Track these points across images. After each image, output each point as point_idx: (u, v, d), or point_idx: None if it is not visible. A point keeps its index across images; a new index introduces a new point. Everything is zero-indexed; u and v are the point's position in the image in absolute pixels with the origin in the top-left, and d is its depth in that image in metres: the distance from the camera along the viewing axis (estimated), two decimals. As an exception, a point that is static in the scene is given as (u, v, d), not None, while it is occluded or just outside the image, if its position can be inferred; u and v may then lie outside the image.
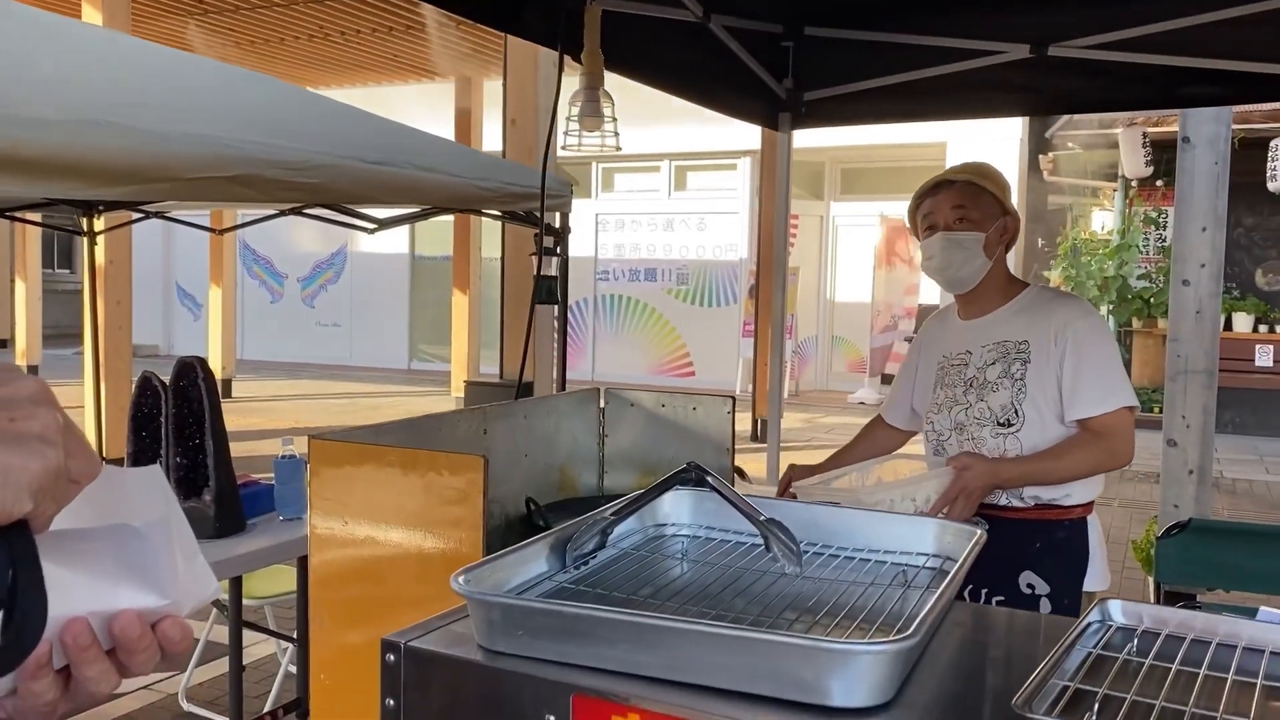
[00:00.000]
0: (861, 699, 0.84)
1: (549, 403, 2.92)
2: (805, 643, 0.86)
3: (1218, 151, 5.07)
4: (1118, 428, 2.23)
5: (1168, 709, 0.83)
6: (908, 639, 0.84)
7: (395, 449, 2.07)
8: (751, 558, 1.22)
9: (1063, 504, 2.32)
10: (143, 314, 17.08)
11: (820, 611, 1.05)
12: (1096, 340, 2.28)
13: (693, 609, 1.06)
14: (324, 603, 2.15)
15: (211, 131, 2.97)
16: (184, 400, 3.41)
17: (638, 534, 1.30)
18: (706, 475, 1.30)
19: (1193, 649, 0.96)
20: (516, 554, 1.08)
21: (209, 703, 4.19)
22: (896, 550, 1.21)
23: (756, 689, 0.86)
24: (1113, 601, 1.03)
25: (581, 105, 2.80)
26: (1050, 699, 0.85)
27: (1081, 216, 12.12)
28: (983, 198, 2.40)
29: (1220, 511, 7.75)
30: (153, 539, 0.64)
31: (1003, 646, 1.06)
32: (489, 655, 0.94)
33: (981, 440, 2.36)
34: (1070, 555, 2.33)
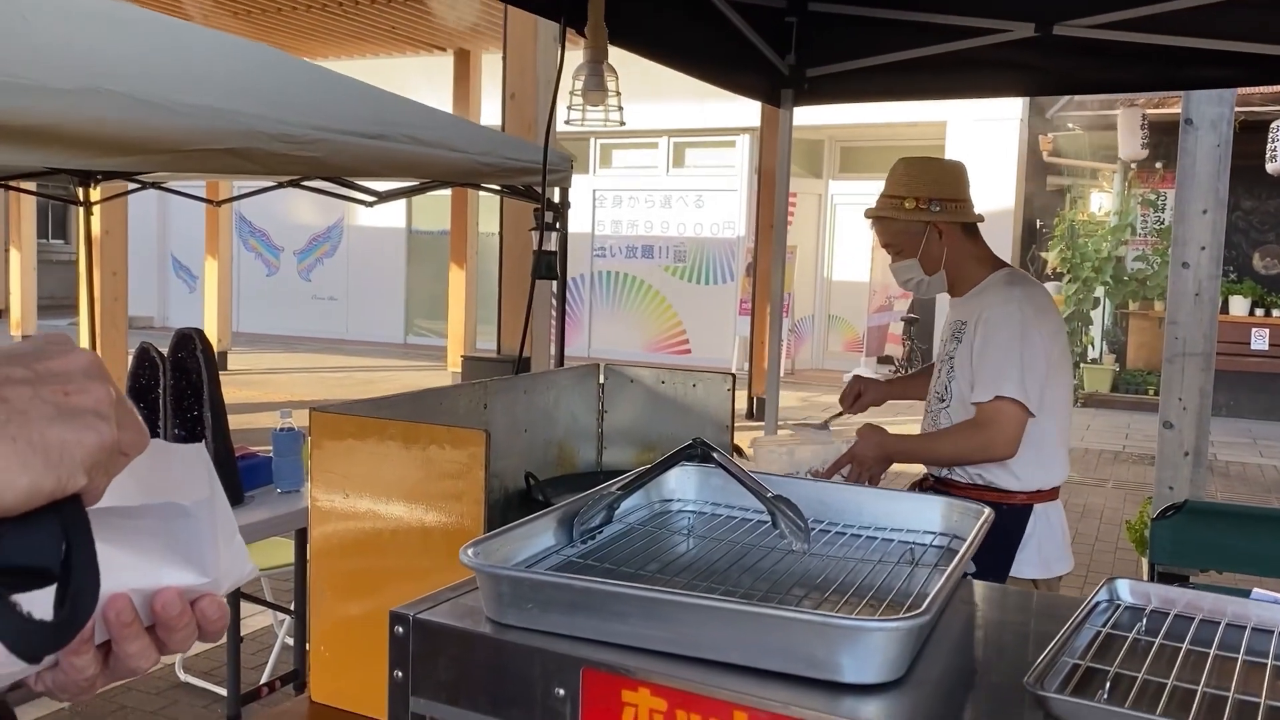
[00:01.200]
0: (873, 675, 0.84)
1: (549, 378, 2.92)
2: (817, 619, 0.86)
3: (1220, 133, 5.06)
4: (996, 419, 2.25)
5: (1179, 688, 0.83)
6: (920, 616, 0.83)
7: (397, 422, 2.06)
8: (758, 534, 1.22)
9: (1002, 487, 2.34)
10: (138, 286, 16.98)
11: (828, 588, 1.05)
12: (999, 328, 2.29)
13: (700, 584, 1.06)
14: (325, 575, 2.15)
15: (212, 102, 2.94)
16: (182, 372, 3.40)
17: (644, 509, 1.30)
18: (712, 451, 1.30)
19: (1202, 629, 0.96)
20: (524, 527, 1.08)
21: (206, 674, 4.20)
22: (903, 528, 1.21)
23: (767, 664, 0.86)
24: (1120, 580, 1.03)
25: (585, 79, 2.78)
26: (1061, 677, 0.85)
27: (1080, 198, 12.10)
28: (896, 226, 2.45)
29: (1213, 494, 7.78)
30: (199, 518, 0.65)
31: (1010, 624, 1.06)
32: (498, 628, 0.94)
33: (935, 414, 2.47)
34: (998, 541, 2.32)
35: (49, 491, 0.53)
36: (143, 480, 0.61)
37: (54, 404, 0.54)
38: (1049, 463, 2.37)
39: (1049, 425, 2.33)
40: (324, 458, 2.13)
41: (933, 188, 2.42)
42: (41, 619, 0.55)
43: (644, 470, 1.25)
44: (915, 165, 2.48)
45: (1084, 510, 6.96)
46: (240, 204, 15.58)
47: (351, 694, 2.08)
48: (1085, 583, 5.64)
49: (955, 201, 2.43)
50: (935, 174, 2.45)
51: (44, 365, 0.55)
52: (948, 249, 2.43)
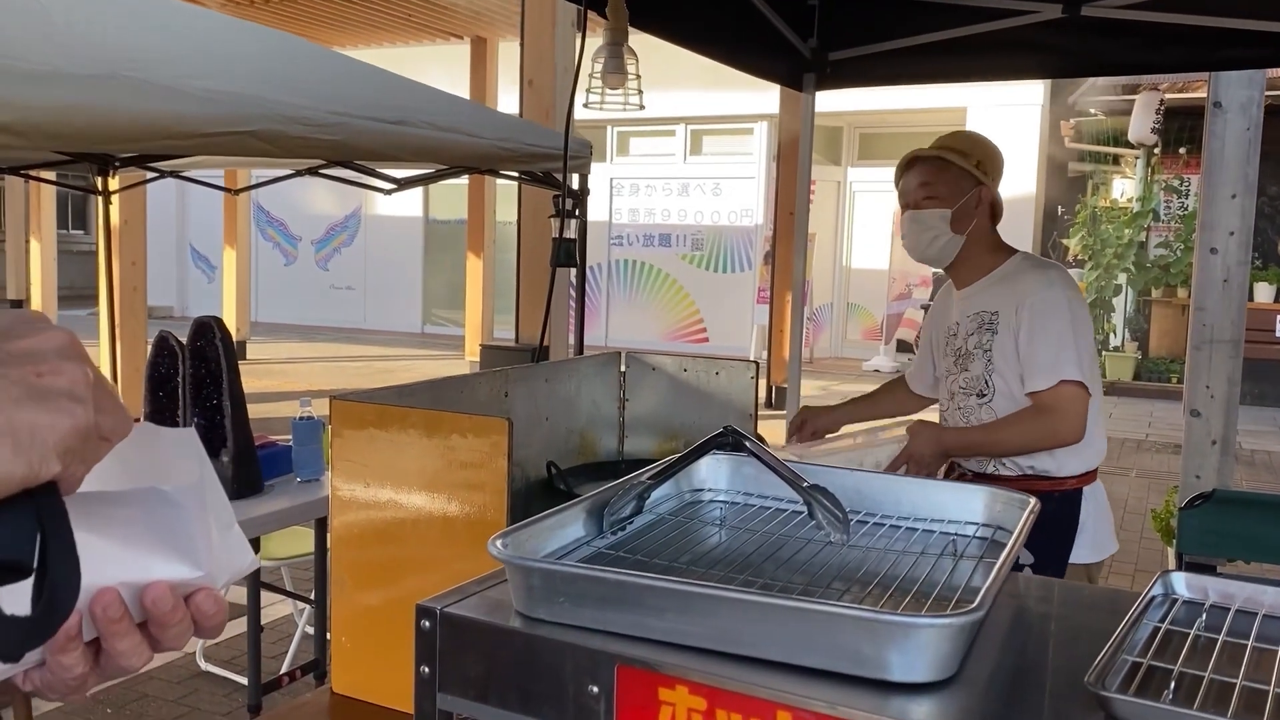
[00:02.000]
0: (922, 674, 0.80)
1: (569, 366, 2.88)
2: (864, 614, 0.82)
3: (1250, 116, 4.97)
4: (1060, 404, 2.20)
5: (1249, 688, 0.79)
6: (973, 612, 0.80)
7: (418, 411, 2.03)
8: (793, 525, 1.19)
9: (1054, 474, 2.30)
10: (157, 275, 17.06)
11: (870, 582, 1.01)
12: (1051, 313, 2.25)
13: (736, 578, 1.02)
14: (345, 565, 2.13)
15: (231, 87, 2.92)
16: (201, 360, 3.39)
17: (674, 499, 1.26)
18: (745, 440, 1.26)
19: (1266, 625, 0.92)
20: (553, 518, 1.04)
21: (226, 662, 4.20)
22: (945, 519, 1.17)
23: (810, 662, 0.82)
24: (1175, 574, 0.99)
25: (605, 61, 2.74)
26: (1121, 676, 0.81)
27: (1102, 184, 11.97)
28: (949, 172, 2.38)
29: (1239, 483, 7.69)
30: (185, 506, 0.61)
31: (1061, 619, 1.02)
32: (528, 623, 0.91)
33: (969, 409, 2.39)
34: (1057, 527, 2.31)
35: (20, 479, 0.50)
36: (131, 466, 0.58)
37: (24, 385, 0.50)
38: (1093, 443, 2.34)
39: (1091, 406, 2.30)
40: (344, 446, 2.11)
41: (986, 159, 2.42)
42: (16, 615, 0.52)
43: (674, 459, 1.21)
44: (973, 135, 2.50)
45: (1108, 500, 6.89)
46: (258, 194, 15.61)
47: (372, 685, 2.06)
48: (1110, 572, 5.58)
49: (997, 181, 2.44)
50: (989, 149, 2.46)
51: (14, 345, 0.51)
52: (975, 221, 2.40)
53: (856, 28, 4.18)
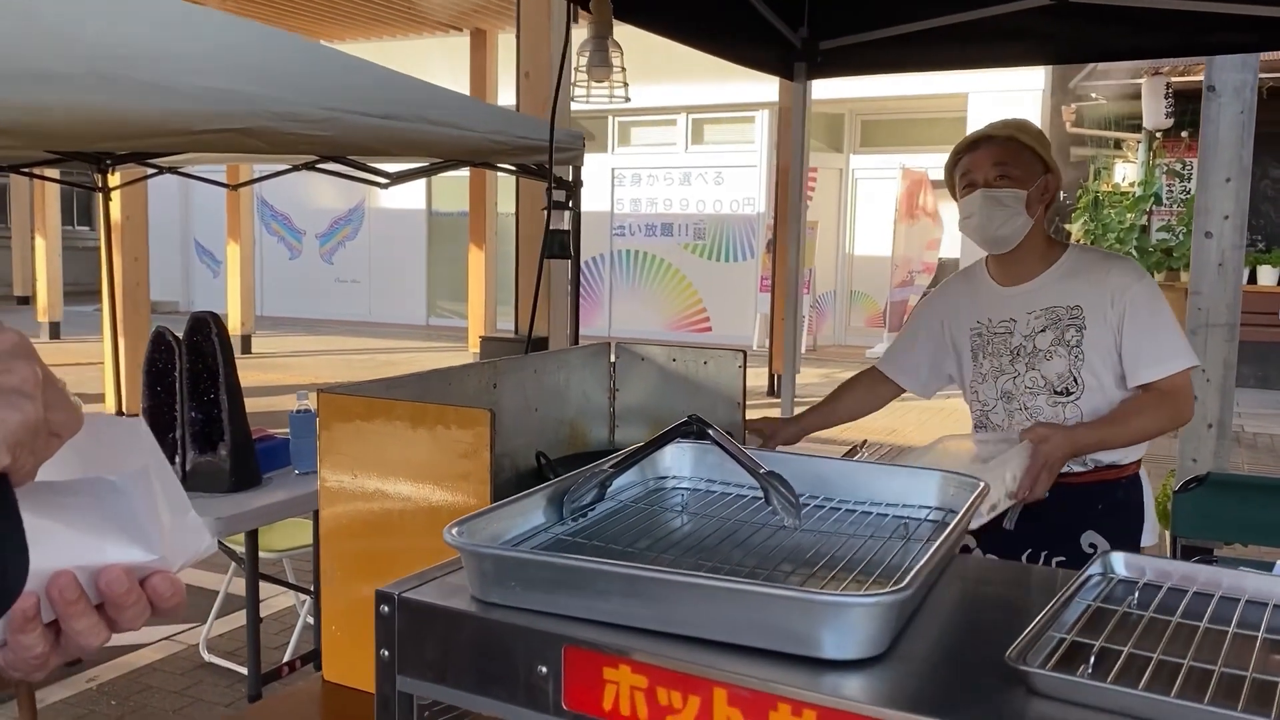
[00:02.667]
0: (854, 651, 0.83)
1: (559, 357, 2.91)
2: (797, 595, 0.85)
3: (1244, 100, 4.96)
4: (1180, 388, 2.21)
5: (1166, 661, 0.82)
6: (900, 591, 0.83)
7: (403, 403, 2.06)
8: (751, 510, 1.22)
9: (1120, 463, 2.30)
10: (162, 270, 17.14)
11: (818, 564, 1.04)
12: (1155, 303, 2.23)
13: (690, 561, 1.05)
14: (334, 556, 2.16)
15: (221, 84, 2.95)
16: (198, 355, 3.42)
17: (638, 486, 1.30)
18: (708, 428, 1.29)
19: (1195, 602, 0.94)
20: (513, 506, 1.07)
21: (229, 653, 4.26)
22: (899, 503, 1.20)
23: (749, 641, 0.85)
24: (1115, 554, 1.02)
25: (590, 55, 2.77)
26: (1046, 652, 0.84)
27: (1104, 169, 11.95)
28: (1024, 154, 2.33)
29: (1241, 466, 7.70)
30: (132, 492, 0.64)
31: (1003, 600, 1.05)
32: (482, 606, 0.94)
33: (1037, 409, 2.31)
34: (1129, 513, 2.33)
35: None
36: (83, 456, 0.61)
37: None
38: None
39: None
40: (332, 439, 2.14)
41: (1049, 153, 2.39)
42: None
43: (638, 448, 1.24)
44: (1036, 129, 2.43)
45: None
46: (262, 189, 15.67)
47: (363, 672, 2.09)
48: (1108, 557, 5.60)
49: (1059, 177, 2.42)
50: (1048, 145, 2.42)
51: None
52: (1041, 208, 2.35)
53: (847, 16, 4.18)
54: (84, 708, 3.82)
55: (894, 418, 8.34)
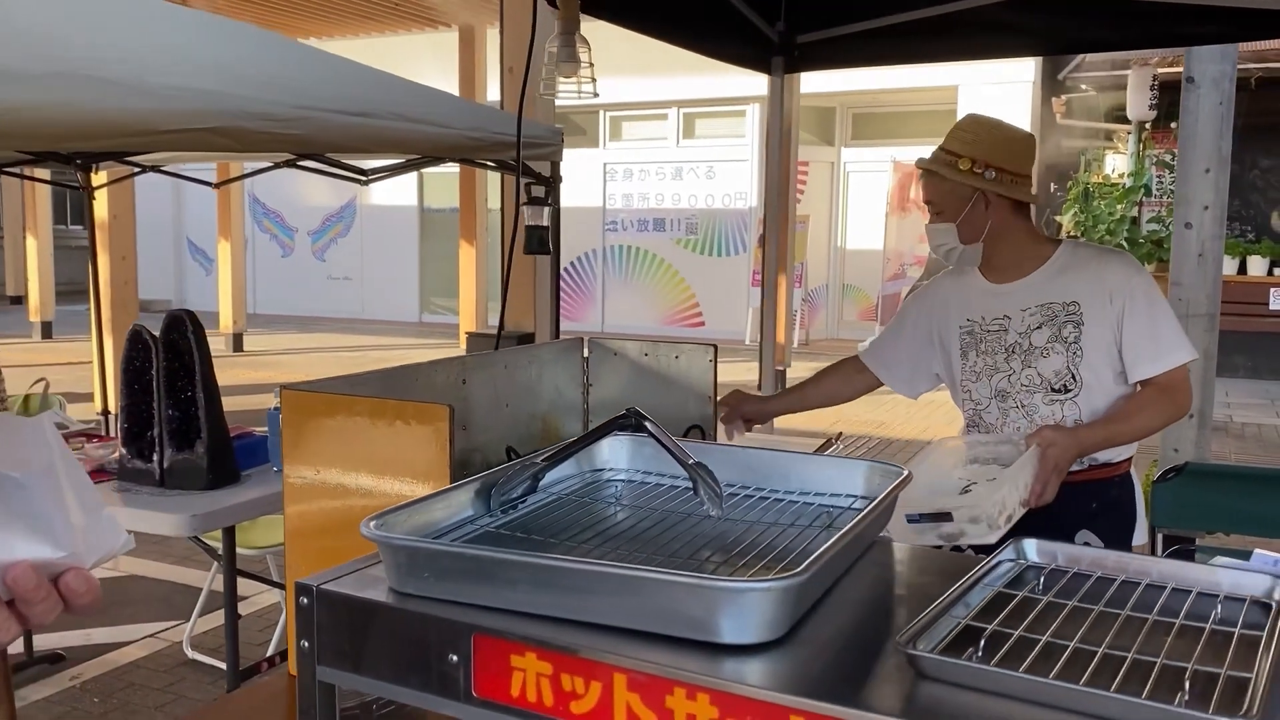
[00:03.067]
0: (751, 635, 0.85)
1: (530, 352, 2.92)
2: (694, 581, 0.87)
3: (1222, 91, 4.98)
4: (1180, 382, 2.20)
5: (1053, 644, 0.83)
6: (795, 576, 0.84)
7: (363, 399, 2.07)
8: (681, 501, 1.23)
9: (1113, 461, 2.30)
10: (154, 269, 17.15)
11: (735, 551, 1.06)
12: (1153, 298, 2.21)
13: (615, 551, 1.07)
14: (300, 553, 2.17)
15: (191, 83, 2.95)
16: (174, 353, 3.43)
17: (575, 479, 1.31)
18: (645, 421, 1.30)
19: (1097, 585, 0.96)
20: (439, 499, 1.09)
21: (212, 650, 4.27)
22: (826, 492, 1.22)
23: (650, 627, 0.87)
24: (1028, 540, 1.04)
25: (558, 51, 2.78)
26: (941, 636, 0.85)
27: (1095, 160, 11.96)
28: (944, 185, 2.27)
29: (1227, 455, 7.72)
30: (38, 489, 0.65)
31: (915, 585, 1.07)
32: (398, 597, 0.96)
33: (1033, 407, 2.29)
34: (1122, 511, 2.34)
35: None
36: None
37: None
38: None
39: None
40: (295, 436, 2.15)
41: (992, 153, 2.24)
42: None
43: (572, 441, 1.26)
44: (983, 126, 2.32)
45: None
46: (253, 186, 15.67)
47: (327, 666, 2.11)
48: (1093, 547, 5.63)
49: (1013, 175, 2.26)
50: (999, 139, 2.28)
51: None
52: (991, 222, 2.27)
53: (824, 10, 4.19)
54: (66, 705, 3.84)
55: (882, 411, 8.36)
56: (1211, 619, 0.88)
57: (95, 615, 4.59)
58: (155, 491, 3.40)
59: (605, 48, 5.14)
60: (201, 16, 3.36)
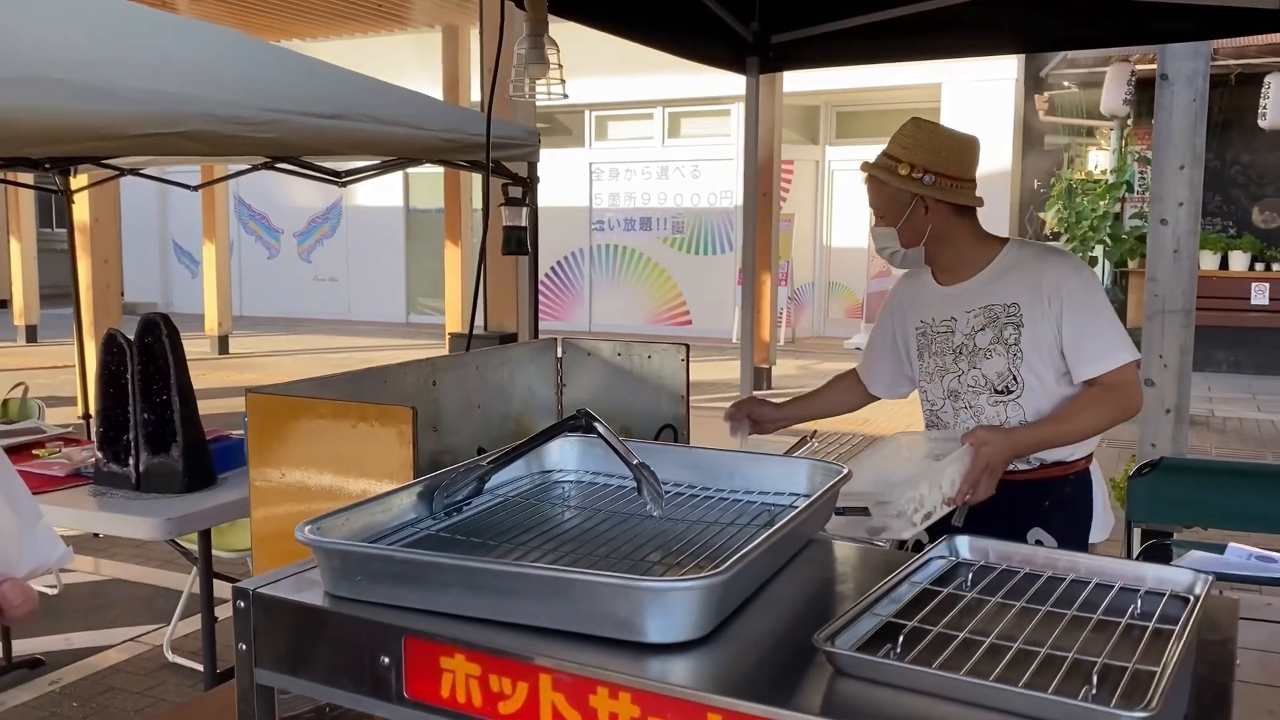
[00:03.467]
0: (676, 634, 0.86)
1: (502, 353, 2.93)
2: (617, 581, 0.88)
3: (1196, 88, 5.00)
4: (1125, 381, 2.18)
5: (970, 639, 0.85)
6: (717, 575, 0.85)
7: (328, 402, 2.08)
8: (627, 501, 1.25)
9: (1069, 460, 2.28)
10: (140, 272, 17.12)
11: (674, 549, 1.07)
12: (1092, 297, 2.20)
13: (554, 552, 1.08)
14: (267, 556, 2.18)
15: (162, 87, 2.95)
16: (149, 357, 3.43)
17: (524, 480, 1.32)
18: (595, 421, 1.32)
19: (1023, 581, 0.97)
20: (380, 502, 1.10)
21: (193, 653, 4.27)
22: (770, 491, 1.23)
23: (575, 628, 0.88)
24: (959, 537, 1.05)
25: (526, 53, 2.79)
26: (861, 633, 0.87)
27: (1077, 157, 12.01)
28: (885, 190, 2.29)
29: (1210, 450, 7.76)
30: None
31: (848, 583, 1.08)
32: (333, 600, 0.97)
33: (979, 408, 2.30)
34: (1076, 509, 2.31)
35: None
36: None
37: None
38: None
39: None
40: (261, 440, 2.16)
41: (931, 158, 2.25)
42: None
43: (519, 443, 1.27)
44: (923, 130, 2.31)
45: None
46: (239, 188, 15.63)
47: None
48: (1073, 542, 5.65)
49: (953, 179, 2.26)
50: (939, 144, 2.28)
51: None
52: (932, 226, 2.27)
53: (798, 10, 4.20)
54: (46, 710, 3.83)
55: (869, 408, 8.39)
56: (1130, 613, 0.89)
57: (75, 619, 4.59)
58: (131, 495, 3.40)
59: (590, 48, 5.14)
60: (171, 19, 3.36)
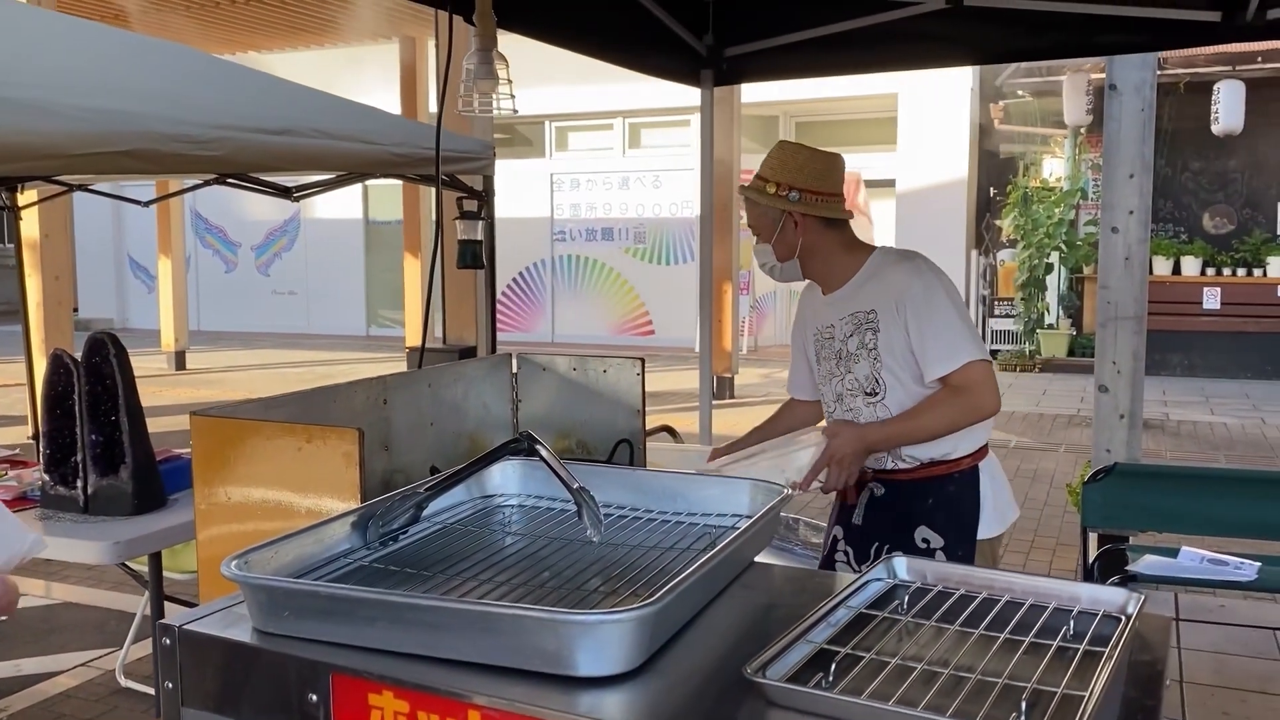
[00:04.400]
0: (607, 668, 0.85)
1: (455, 370, 2.90)
2: (546, 615, 0.87)
3: (1144, 98, 5.08)
4: (973, 381, 2.25)
5: (904, 665, 0.84)
6: (648, 606, 0.84)
7: (273, 424, 2.05)
8: (569, 526, 1.23)
9: (950, 458, 2.35)
10: (96, 287, 16.86)
11: (614, 575, 1.06)
12: (933, 300, 2.29)
13: (492, 581, 1.06)
14: (212, 580, 2.14)
15: (106, 104, 2.89)
16: (96, 377, 3.37)
17: (465, 505, 1.31)
18: (537, 444, 1.30)
19: (959, 603, 0.97)
20: (308, 534, 1.08)
21: (146, 678, 4.19)
22: (713, 512, 1.22)
23: (504, 662, 0.87)
24: (898, 558, 1.05)
25: (475, 67, 2.77)
26: (794, 661, 0.86)
27: (1033, 165, 12.16)
28: (757, 208, 2.41)
29: (1165, 454, 7.86)
30: None
31: (784, 608, 1.08)
32: (261, 637, 0.94)
33: (858, 410, 2.40)
34: (962, 508, 2.37)
35: None
36: None
37: None
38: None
39: None
40: (207, 462, 2.12)
41: (795, 176, 2.37)
42: None
43: (458, 469, 1.25)
44: (787, 151, 2.43)
45: (1035, 474, 7.03)
46: (196, 202, 15.44)
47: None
48: (1032, 546, 5.71)
49: (818, 194, 2.37)
50: (802, 163, 2.40)
51: None
52: (803, 239, 2.38)
53: (751, 24, 4.23)
54: (-7, 739, 3.75)
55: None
56: (1062, 634, 0.89)
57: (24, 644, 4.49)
58: (79, 518, 3.33)
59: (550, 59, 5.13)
60: (117, 33, 3.31)
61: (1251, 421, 9.07)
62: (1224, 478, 4.37)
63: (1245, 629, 4.39)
